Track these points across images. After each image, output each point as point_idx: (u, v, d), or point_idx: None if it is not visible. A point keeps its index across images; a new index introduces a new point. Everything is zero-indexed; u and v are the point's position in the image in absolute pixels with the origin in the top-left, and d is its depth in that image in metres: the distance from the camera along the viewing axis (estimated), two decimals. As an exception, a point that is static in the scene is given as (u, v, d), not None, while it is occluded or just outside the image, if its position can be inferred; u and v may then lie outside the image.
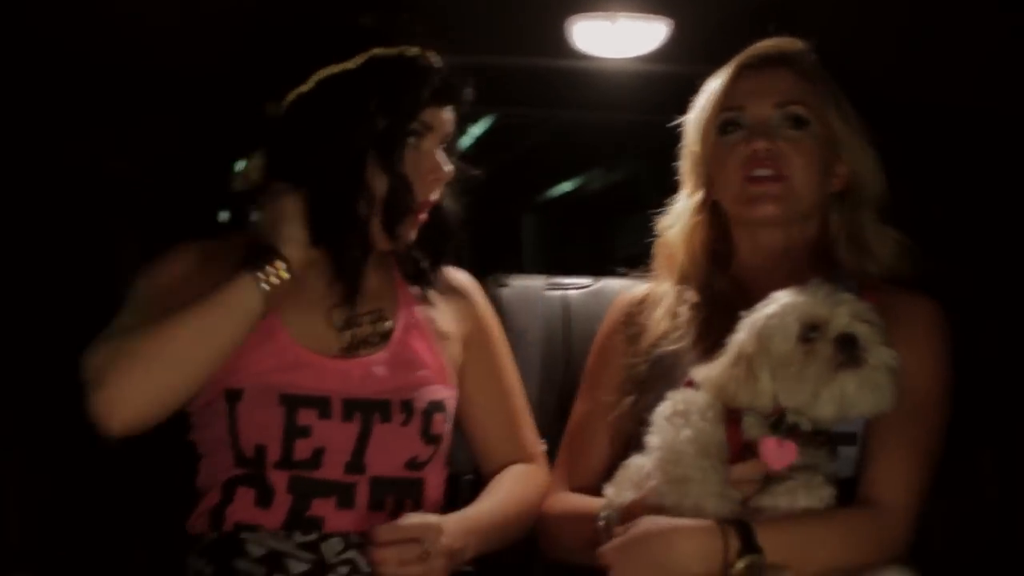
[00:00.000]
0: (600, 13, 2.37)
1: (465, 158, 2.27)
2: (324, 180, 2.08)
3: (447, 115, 2.16)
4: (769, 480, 1.95)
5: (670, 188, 2.32)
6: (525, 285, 2.72)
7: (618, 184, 6.17)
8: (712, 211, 2.26)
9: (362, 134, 2.07)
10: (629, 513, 2.03)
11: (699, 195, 2.26)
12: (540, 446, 2.39)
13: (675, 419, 2.00)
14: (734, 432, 1.95)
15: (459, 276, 2.39)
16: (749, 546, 1.89)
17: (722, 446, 1.96)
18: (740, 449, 1.94)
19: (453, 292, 2.34)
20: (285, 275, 2.03)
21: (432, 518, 2.06)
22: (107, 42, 2.39)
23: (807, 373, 1.88)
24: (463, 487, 2.40)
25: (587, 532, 2.09)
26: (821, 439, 1.96)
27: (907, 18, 2.26)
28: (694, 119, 2.25)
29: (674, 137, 2.30)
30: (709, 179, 2.24)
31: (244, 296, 2.02)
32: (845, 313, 1.90)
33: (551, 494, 2.31)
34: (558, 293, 2.71)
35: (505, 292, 2.67)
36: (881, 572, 1.97)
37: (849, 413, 1.91)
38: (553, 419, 2.52)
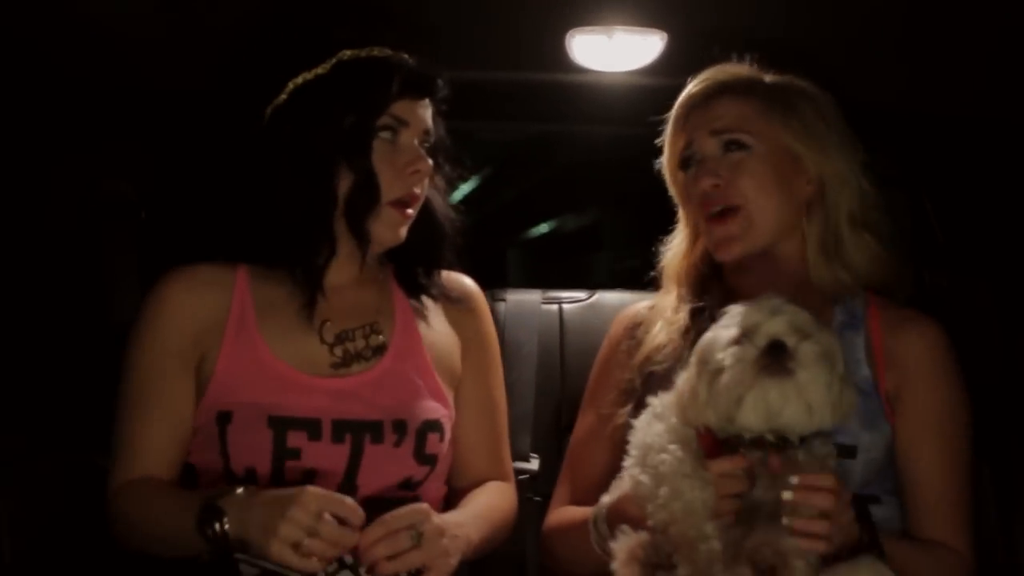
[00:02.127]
0: (598, 27, 2.37)
1: (462, 203, 2.29)
2: (292, 186, 2.09)
3: (422, 110, 2.16)
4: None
5: (629, 230, 2.33)
6: (521, 299, 2.72)
7: (586, 226, 7.36)
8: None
9: (327, 136, 2.08)
10: (614, 511, 2.04)
11: (683, 221, 2.29)
12: (512, 466, 2.37)
13: (652, 421, 1.99)
14: (705, 435, 1.92)
15: (464, 283, 2.36)
16: None
17: (695, 441, 1.93)
18: (714, 448, 1.90)
19: (456, 299, 2.31)
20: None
21: (418, 504, 2.01)
22: (102, 62, 2.39)
23: (729, 377, 1.85)
24: None
25: (584, 540, 2.09)
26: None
27: (896, 27, 2.26)
28: (664, 155, 2.27)
29: (635, 185, 2.31)
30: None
31: (193, 542, 1.94)
32: (781, 322, 1.86)
33: (552, 510, 2.31)
34: (553, 307, 2.72)
35: (501, 306, 2.68)
36: (856, 563, 1.94)
37: (777, 424, 1.85)
38: (548, 432, 2.53)
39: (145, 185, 2.62)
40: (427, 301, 2.27)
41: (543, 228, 8.10)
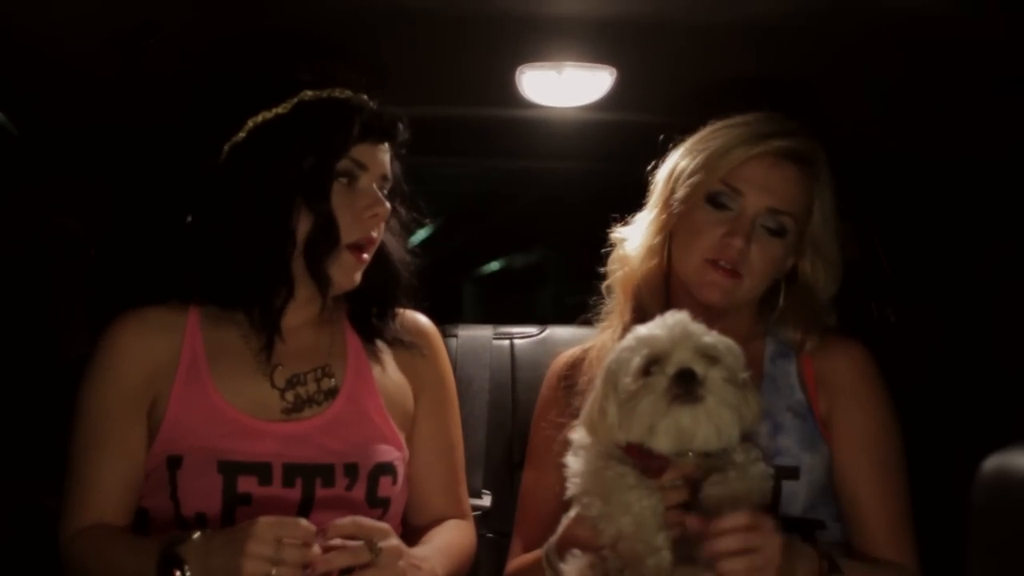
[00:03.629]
0: (547, 63, 2.39)
1: (421, 246, 2.29)
2: (249, 225, 2.07)
3: (382, 154, 2.15)
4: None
5: (571, 267, 2.34)
6: (473, 335, 2.72)
7: (533, 263, 8.24)
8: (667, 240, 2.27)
9: (287, 176, 2.07)
10: (564, 539, 2.04)
11: (662, 220, 2.24)
12: (469, 504, 2.35)
13: (578, 451, 2.01)
14: (633, 451, 1.94)
15: (418, 321, 2.35)
16: None
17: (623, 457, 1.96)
18: (645, 459, 1.93)
19: (409, 338, 2.29)
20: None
21: (383, 524, 1.98)
22: (53, 96, 2.38)
23: (643, 406, 1.89)
24: None
25: None
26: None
27: (845, 64, 2.28)
28: (686, 165, 2.21)
29: (575, 226, 2.31)
30: (675, 225, 2.23)
31: None
32: (687, 348, 1.90)
33: (509, 560, 2.30)
34: (505, 342, 2.73)
35: (453, 342, 2.67)
36: None
37: (689, 446, 1.90)
38: (500, 467, 2.52)
39: (94, 222, 2.60)
40: (376, 343, 2.26)
41: (494, 266, 8.87)
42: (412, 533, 2.22)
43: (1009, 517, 1.67)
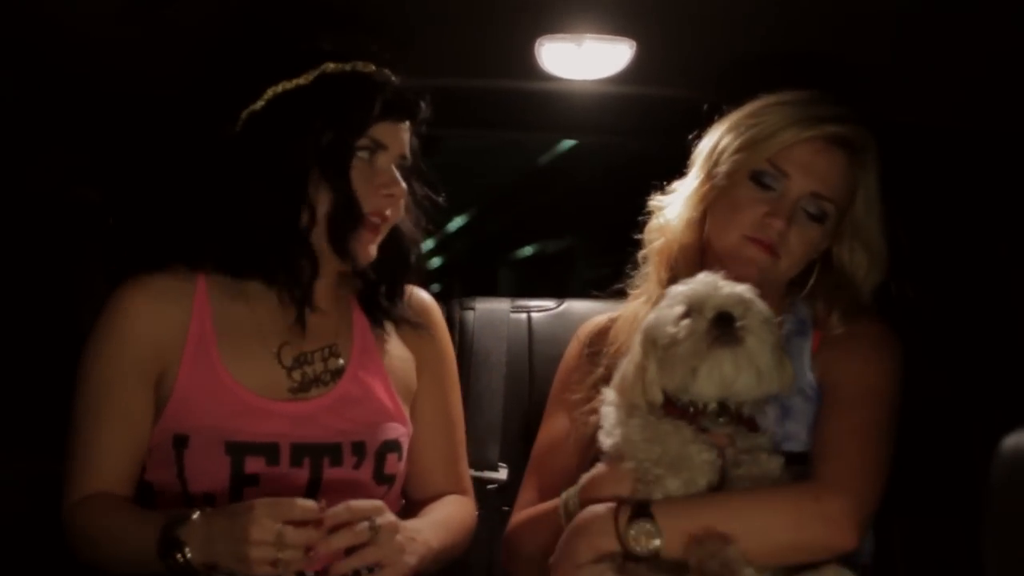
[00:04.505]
0: (567, 35, 2.37)
1: (458, 233, 2.29)
2: (264, 195, 2.05)
3: (403, 133, 2.13)
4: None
5: (599, 253, 2.34)
6: (490, 308, 2.72)
7: (564, 248, 9.02)
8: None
9: (305, 149, 2.05)
10: (591, 485, 2.05)
11: (703, 192, 2.23)
12: (470, 480, 2.36)
13: (616, 408, 2.05)
14: (670, 407, 1.99)
15: (422, 298, 2.34)
16: (641, 513, 1.92)
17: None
18: (682, 416, 1.98)
19: (415, 322, 2.28)
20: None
21: (374, 500, 1.98)
22: (71, 65, 2.38)
23: (683, 349, 1.93)
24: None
25: (547, 531, 2.09)
26: (752, 425, 2.01)
27: (865, 36, 2.27)
28: (731, 140, 2.20)
29: (603, 212, 2.31)
30: (715, 198, 2.22)
31: (155, 565, 1.91)
32: (725, 295, 1.95)
33: (517, 510, 2.30)
34: (522, 316, 2.72)
35: (470, 315, 2.68)
36: (821, 570, 1.96)
37: (731, 392, 1.95)
38: (516, 440, 2.53)
39: (113, 192, 2.60)
40: (383, 322, 2.25)
41: (528, 251, 9.70)
42: (412, 507, 2.24)
43: (1027, 496, 1.66)
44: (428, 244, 2.31)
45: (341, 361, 2.17)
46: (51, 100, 2.49)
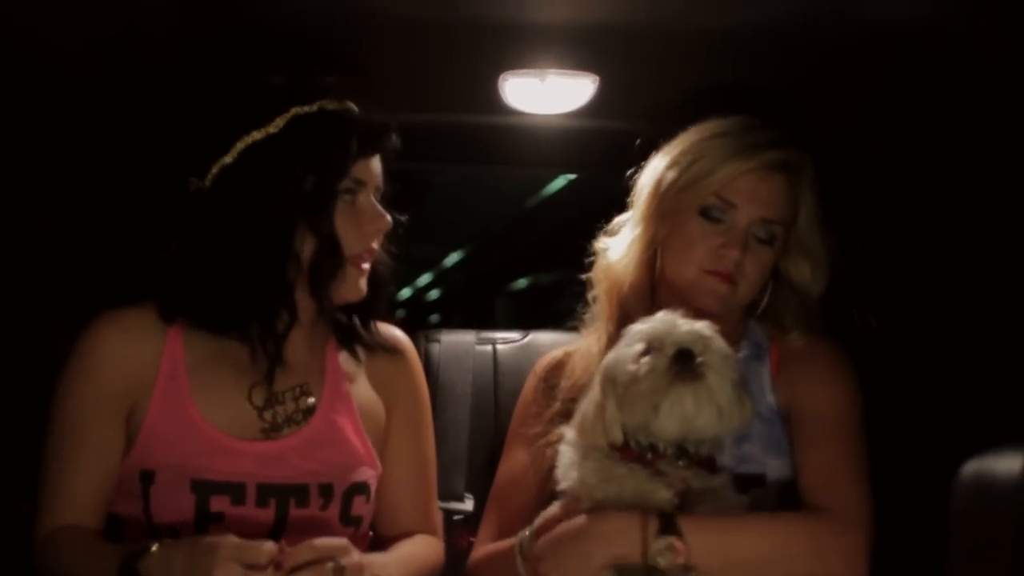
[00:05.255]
0: (530, 70, 2.39)
1: (457, 267, 2.30)
2: (252, 251, 2.02)
3: (376, 165, 2.12)
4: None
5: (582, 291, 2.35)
6: (456, 340, 2.73)
7: (557, 280, 9.37)
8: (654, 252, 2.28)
9: (290, 199, 2.02)
10: (545, 527, 2.05)
11: (650, 235, 2.26)
12: (440, 521, 2.36)
13: (574, 446, 2.04)
14: (626, 450, 1.99)
15: (394, 333, 2.32)
16: (669, 528, 1.91)
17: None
18: (638, 460, 1.98)
19: (385, 351, 2.27)
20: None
21: (340, 539, 1.95)
22: (33, 98, 2.37)
23: (644, 386, 1.93)
24: None
25: (505, 570, 2.10)
26: (711, 465, 2.00)
27: (827, 70, 2.29)
28: (675, 177, 2.21)
29: (586, 246, 2.34)
30: (665, 236, 2.25)
31: None
32: (684, 332, 1.96)
33: (476, 548, 2.30)
34: (488, 347, 2.74)
35: (436, 347, 2.68)
36: None
37: (692, 429, 1.94)
38: (482, 471, 2.53)
39: (76, 226, 2.59)
40: (358, 353, 2.24)
41: (522, 283, 10.34)
42: (380, 542, 2.23)
43: (987, 521, 1.68)
44: (426, 278, 2.33)
45: (312, 400, 2.15)
46: (15, 135, 2.48)
